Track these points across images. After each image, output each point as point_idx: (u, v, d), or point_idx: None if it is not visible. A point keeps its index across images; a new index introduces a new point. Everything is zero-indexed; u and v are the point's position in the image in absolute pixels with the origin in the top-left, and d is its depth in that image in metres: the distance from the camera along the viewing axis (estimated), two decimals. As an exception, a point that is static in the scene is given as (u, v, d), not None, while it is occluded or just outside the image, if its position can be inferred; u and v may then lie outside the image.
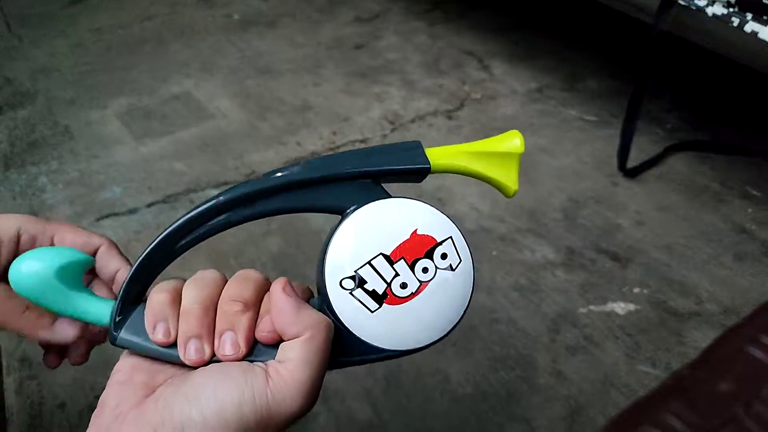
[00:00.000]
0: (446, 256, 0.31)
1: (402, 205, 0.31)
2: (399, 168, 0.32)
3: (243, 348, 0.29)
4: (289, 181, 0.31)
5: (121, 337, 0.30)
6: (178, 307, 0.30)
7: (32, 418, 0.81)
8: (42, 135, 1.36)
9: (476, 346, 0.89)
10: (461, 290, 0.31)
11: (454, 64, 1.60)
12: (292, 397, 0.28)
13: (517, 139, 0.34)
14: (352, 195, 0.31)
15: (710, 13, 0.95)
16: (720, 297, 0.96)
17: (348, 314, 0.30)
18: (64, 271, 0.30)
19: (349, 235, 0.30)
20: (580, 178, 1.21)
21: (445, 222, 0.32)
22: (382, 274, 0.30)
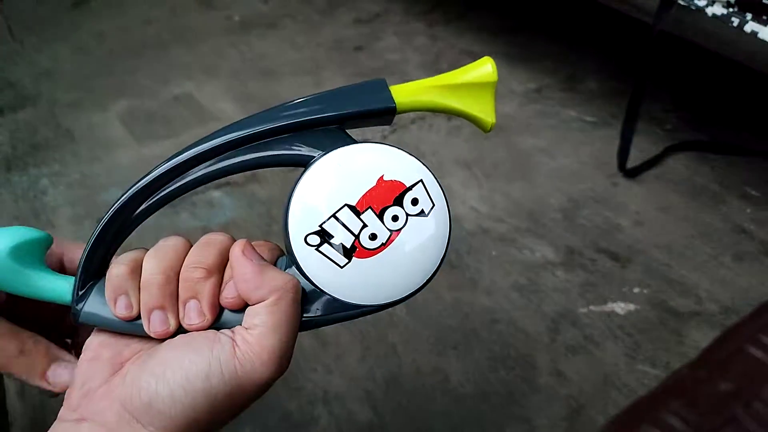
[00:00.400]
0: (417, 201, 0.29)
1: (366, 150, 0.29)
2: (362, 110, 0.30)
3: (208, 316, 0.28)
4: (247, 135, 0.29)
5: (84, 313, 0.29)
6: (139, 279, 0.29)
7: (34, 422, 0.82)
8: (44, 137, 1.36)
9: (476, 346, 0.89)
10: (436, 236, 0.29)
11: (453, 64, 1.60)
12: (261, 364, 0.27)
13: (489, 65, 0.31)
14: (314, 144, 0.29)
15: (710, 13, 0.95)
16: (720, 297, 0.96)
17: (316, 271, 0.29)
18: (19, 251, 0.29)
19: (310, 187, 0.29)
20: (579, 179, 1.21)
21: (414, 164, 0.29)
22: (349, 226, 0.28)
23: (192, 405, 0.26)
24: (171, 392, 0.26)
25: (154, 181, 0.29)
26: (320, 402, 0.82)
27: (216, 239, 0.30)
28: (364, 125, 0.31)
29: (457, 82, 0.31)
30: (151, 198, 0.30)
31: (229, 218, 1.12)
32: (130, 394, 0.26)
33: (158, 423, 0.26)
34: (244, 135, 0.29)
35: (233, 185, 1.21)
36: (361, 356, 0.88)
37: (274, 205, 1.15)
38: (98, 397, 0.28)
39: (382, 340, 0.90)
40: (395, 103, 0.30)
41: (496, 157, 1.27)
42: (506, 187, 1.19)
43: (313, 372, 0.85)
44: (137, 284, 0.29)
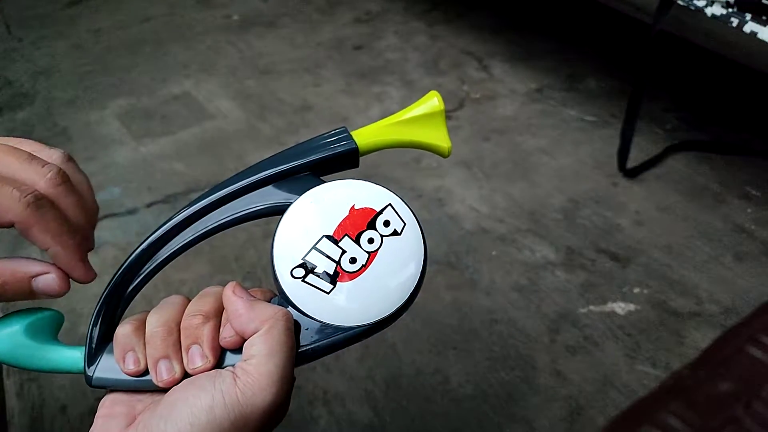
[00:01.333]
0: (389, 222, 0.31)
1: (335, 186, 0.32)
2: (327, 155, 0.33)
3: (210, 358, 0.30)
4: (227, 194, 0.32)
5: (96, 378, 0.31)
6: (144, 335, 0.31)
7: (33, 420, 0.81)
8: (41, 136, 1.35)
9: (476, 347, 0.89)
10: (412, 250, 0.32)
11: (453, 64, 1.60)
12: (261, 390, 0.28)
13: (435, 99, 0.34)
14: (289, 191, 0.32)
15: (709, 14, 0.95)
16: (720, 297, 0.96)
17: (305, 301, 0.30)
18: (32, 328, 0.31)
19: (289, 226, 0.31)
20: (579, 179, 1.21)
21: (380, 191, 0.32)
22: (329, 254, 0.30)
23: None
24: (179, 430, 0.27)
25: (143, 254, 0.32)
26: (320, 402, 0.82)
27: (211, 290, 0.32)
28: (334, 170, 0.34)
29: (410, 117, 0.35)
30: (143, 270, 0.32)
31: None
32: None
33: None
34: (230, 192, 0.32)
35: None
36: (361, 356, 0.88)
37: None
38: None
39: (382, 340, 0.90)
40: (357, 145, 0.33)
41: (497, 157, 1.27)
42: (506, 187, 1.19)
43: (312, 371, 0.85)
44: (143, 340, 0.31)
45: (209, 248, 1.04)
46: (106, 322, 0.32)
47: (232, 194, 0.32)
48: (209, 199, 0.32)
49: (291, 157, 0.33)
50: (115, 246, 1.06)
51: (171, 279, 0.98)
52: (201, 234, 0.32)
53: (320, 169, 0.33)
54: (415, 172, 1.22)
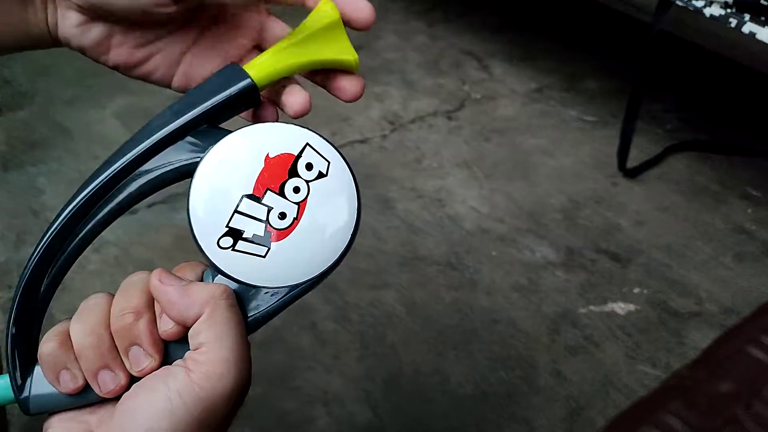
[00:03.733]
0: (311, 165, 0.28)
1: (243, 135, 0.28)
2: (222, 98, 0.29)
3: (155, 355, 0.27)
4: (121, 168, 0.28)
5: (33, 403, 0.28)
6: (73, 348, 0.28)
7: (33, 419, 0.81)
8: (41, 136, 1.36)
9: (476, 347, 0.89)
10: (343, 189, 0.29)
11: (453, 64, 1.60)
12: (219, 378, 0.26)
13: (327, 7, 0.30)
14: (192, 150, 0.28)
15: (708, 14, 0.95)
16: (720, 297, 0.96)
17: (242, 270, 0.28)
18: None
19: (202, 192, 0.28)
20: (579, 179, 1.21)
21: (293, 131, 0.29)
22: (255, 215, 0.27)
23: None
24: None
25: (49, 248, 0.28)
26: (319, 402, 0.82)
27: (134, 280, 0.29)
28: (234, 113, 0.30)
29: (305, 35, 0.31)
30: (53, 265, 0.29)
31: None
32: None
33: None
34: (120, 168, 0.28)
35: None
36: (360, 356, 0.88)
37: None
38: None
39: (382, 340, 0.90)
40: (252, 80, 0.29)
41: (497, 157, 1.27)
42: (507, 187, 1.19)
43: (311, 371, 0.85)
44: (73, 354, 0.28)
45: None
46: (24, 340, 0.29)
47: (127, 167, 0.28)
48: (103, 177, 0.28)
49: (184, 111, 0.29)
50: (117, 246, 1.06)
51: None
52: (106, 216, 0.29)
53: (218, 117, 0.29)
54: (415, 172, 1.22)
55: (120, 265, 1.01)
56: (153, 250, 1.04)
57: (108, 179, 0.28)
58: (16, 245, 1.07)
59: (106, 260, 1.03)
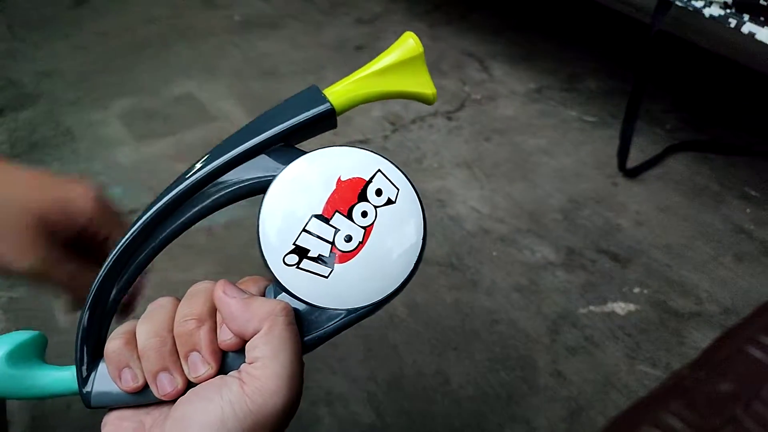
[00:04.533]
0: (381, 191, 0.29)
1: (318, 157, 0.29)
2: (300, 120, 0.29)
3: (212, 363, 0.28)
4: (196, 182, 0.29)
5: (94, 398, 0.29)
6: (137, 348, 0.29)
7: (34, 418, 0.82)
8: (44, 136, 1.36)
9: (476, 347, 0.89)
10: (410, 217, 0.29)
11: (454, 65, 1.60)
12: (271, 394, 0.26)
13: (411, 40, 0.31)
14: (266, 169, 0.29)
15: (707, 14, 0.95)
16: (720, 297, 0.96)
17: (304, 289, 0.28)
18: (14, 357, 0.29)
19: (273, 209, 0.28)
20: (580, 179, 1.21)
21: (366, 157, 0.29)
22: (321, 235, 0.28)
23: None
24: None
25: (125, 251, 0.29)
26: (322, 402, 0.82)
27: (200, 288, 0.30)
28: (310, 135, 0.31)
29: (386, 65, 0.31)
30: (127, 267, 0.30)
31: (230, 217, 1.12)
32: None
33: None
34: (198, 180, 0.29)
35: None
36: (364, 357, 0.88)
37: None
38: None
39: (384, 342, 0.90)
40: (332, 105, 0.30)
41: (497, 157, 1.27)
42: (507, 187, 1.19)
43: (315, 372, 0.85)
44: (136, 354, 0.29)
45: (211, 250, 1.04)
46: (93, 336, 0.30)
47: (205, 179, 0.29)
48: (181, 188, 0.29)
49: (260, 130, 0.29)
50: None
51: (174, 279, 0.99)
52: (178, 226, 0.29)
53: (295, 136, 0.30)
54: (416, 173, 1.23)
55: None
56: (155, 250, 1.04)
57: (185, 190, 0.29)
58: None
59: (108, 261, 1.03)
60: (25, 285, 0.99)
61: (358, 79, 0.31)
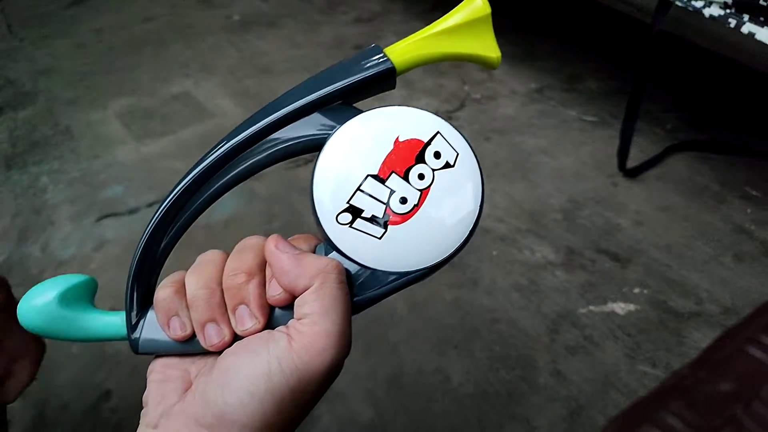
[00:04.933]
0: (439, 154, 0.28)
1: (376, 116, 0.28)
2: (361, 78, 0.28)
3: (260, 318, 0.28)
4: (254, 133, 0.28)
5: (142, 344, 0.29)
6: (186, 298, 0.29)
7: (34, 418, 0.82)
8: (43, 135, 1.36)
9: (476, 347, 0.89)
10: (468, 183, 0.28)
11: (454, 64, 1.60)
12: (318, 352, 0.26)
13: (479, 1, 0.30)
14: (323, 125, 0.28)
15: (707, 15, 0.95)
16: (720, 297, 0.96)
17: (356, 249, 0.28)
18: (66, 298, 0.30)
19: (329, 167, 0.28)
20: (580, 179, 1.21)
21: (426, 118, 0.28)
22: (376, 196, 0.27)
23: (261, 408, 0.26)
24: (239, 399, 0.26)
25: (177, 200, 0.29)
26: (322, 400, 0.82)
27: (250, 242, 0.30)
28: (369, 95, 0.30)
29: (451, 26, 0.30)
30: (178, 218, 0.30)
31: (229, 214, 1.11)
32: (201, 410, 0.26)
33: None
34: (251, 134, 0.29)
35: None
36: (363, 355, 0.88)
37: (274, 202, 1.15)
38: (174, 416, 0.27)
39: (384, 340, 0.90)
40: (393, 64, 0.29)
41: (497, 157, 1.27)
42: (507, 187, 1.19)
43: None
44: (185, 303, 0.29)
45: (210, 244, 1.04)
46: (144, 284, 0.30)
47: (258, 134, 0.28)
48: (238, 139, 0.28)
49: (320, 86, 0.28)
50: (117, 245, 1.06)
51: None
52: (232, 178, 0.29)
53: (353, 95, 0.29)
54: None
55: (121, 264, 1.02)
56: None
57: (240, 143, 0.28)
58: (17, 243, 1.07)
59: (107, 259, 1.03)
60: (25, 284, 0.99)
61: (421, 39, 0.30)
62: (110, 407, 0.82)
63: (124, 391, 0.84)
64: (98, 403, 0.83)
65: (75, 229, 1.10)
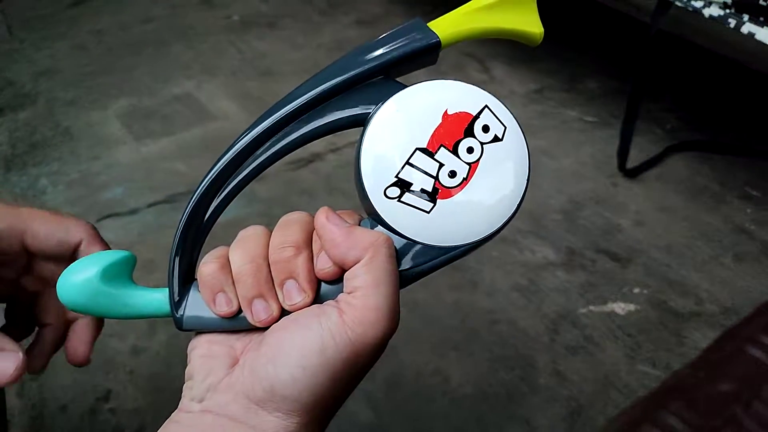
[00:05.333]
0: (488, 127, 0.28)
1: (423, 89, 0.28)
2: (407, 52, 0.29)
3: (309, 292, 0.28)
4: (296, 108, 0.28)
5: (186, 321, 0.29)
6: (231, 273, 0.28)
7: (33, 419, 0.82)
8: (43, 136, 1.36)
9: (476, 347, 0.89)
10: (516, 157, 0.29)
11: (454, 65, 1.60)
12: (371, 324, 0.26)
13: None
14: (366, 100, 0.28)
15: (707, 15, 0.95)
16: (720, 297, 0.96)
17: (404, 223, 0.27)
18: (108, 275, 0.29)
19: (376, 141, 0.28)
20: (580, 179, 1.21)
21: (474, 92, 0.29)
22: (425, 169, 0.27)
23: (313, 382, 0.25)
24: (290, 374, 0.25)
25: (220, 174, 0.29)
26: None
27: (294, 217, 0.30)
28: (410, 69, 0.30)
29: (494, 1, 0.30)
30: (221, 192, 0.30)
31: (229, 216, 1.11)
32: (251, 384, 0.26)
33: (284, 407, 0.26)
34: (297, 107, 0.28)
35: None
36: (361, 356, 0.88)
37: (274, 204, 1.15)
38: (221, 391, 0.27)
39: (382, 340, 0.90)
40: (438, 38, 0.29)
41: (496, 157, 1.27)
42: (506, 187, 1.19)
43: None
44: (231, 279, 0.28)
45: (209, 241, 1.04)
46: (186, 260, 0.30)
47: (304, 107, 0.28)
48: (280, 113, 0.28)
49: (362, 61, 0.28)
50: (118, 245, 1.06)
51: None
52: (276, 152, 0.29)
53: (396, 70, 0.29)
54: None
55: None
56: (154, 249, 1.04)
57: (284, 116, 0.28)
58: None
59: (107, 261, 1.03)
60: None
61: (466, 12, 0.30)
62: (109, 408, 0.82)
63: (124, 392, 0.84)
64: (96, 406, 0.83)
65: (75, 230, 1.10)
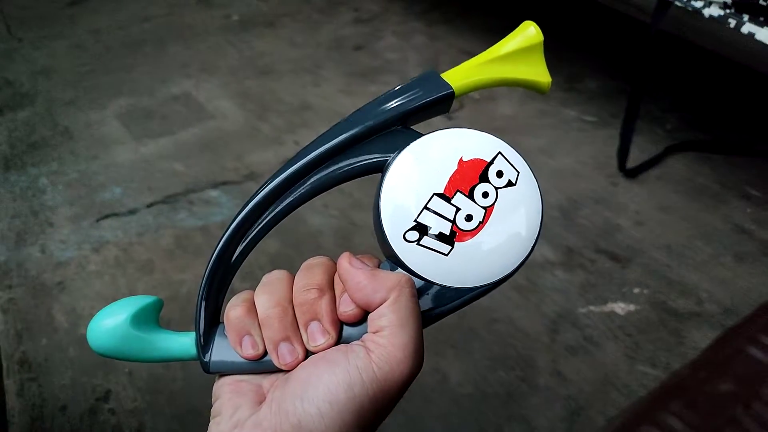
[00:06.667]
0: (502, 173, 0.30)
1: (439, 138, 0.30)
2: (422, 102, 0.30)
3: (332, 333, 0.28)
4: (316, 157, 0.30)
5: (213, 364, 0.30)
6: (257, 317, 0.29)
7: (33, 420, 0.81)
8: (42, 136, 1.36)
9: (475, 347, 0.89)
10: (529, 200, 0.30)
11: (452, 64, 1.59)
12: (398, 363, 0.27)
13: (532, 28, 0.32)
14: (384, 148, 0.30)
15: (707, 15, 0.95)
16: (720, 297, 0.96)
17: (423, 265, 0.29)
18: (138, 320, 0.30)
19: (395, 187, 0.29)
20: (579, 179, 1.21)
21: (488, 139, 0.30)
22: (443, 213, 0.29)
23: (340, 418, 0.26)
24: (318, 409, 0.26)
25: (246, 219, 0.30)
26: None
27: (316, 261, 0.31)
28: (425, 118, 0.31)
29: (506, 53, 0.32)
30: (246, 237, 0.31)
31: (227, 216, 1.11)
32: (279, 421, 0.26)
33: None
34: (317, 156, 0.30)
35: (230, 184, 1.20)
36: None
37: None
38: (248, 428, 0.27)
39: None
40: (453, 89, 0.31)
41: (496, 156, 1.27)
42: (506, 186, 1.19)
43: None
44: (257, 322, 0.29)
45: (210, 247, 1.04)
46: (212, 304, 0.31)
47: (324, 156, 0.30)
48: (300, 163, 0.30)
49: (380, 111, 0.30)
50: (117, 245, 1.06)
51: (174, 279, 0.98)
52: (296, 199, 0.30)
53: (412, 119, 0.31)
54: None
55: (120, 265, 1.01)
56: (153, 250, 1.04)
57: (307, 164, 0.30)
58: (16, 245, 1.07)
59: (106, 261, 1.03)
60: (24, 285, 0.98)
61: (478, 64, 0.32)
62: (109, 408, 0.82)
63: (123, 392, 0.84)
64: (96, 406, 0.82)
65: (74, 230, 1.10)
